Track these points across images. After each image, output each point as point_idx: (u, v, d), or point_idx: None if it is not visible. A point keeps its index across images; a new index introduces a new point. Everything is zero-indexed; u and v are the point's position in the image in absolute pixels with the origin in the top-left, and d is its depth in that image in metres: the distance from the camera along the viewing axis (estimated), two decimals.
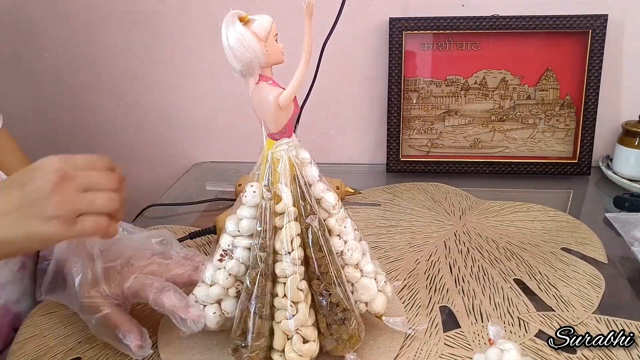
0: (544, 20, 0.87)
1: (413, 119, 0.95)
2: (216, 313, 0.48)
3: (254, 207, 0.45)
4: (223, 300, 0.48)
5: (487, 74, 0.92)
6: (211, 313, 0.48)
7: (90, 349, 0.52)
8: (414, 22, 0.90)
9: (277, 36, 0.43)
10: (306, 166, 0.46)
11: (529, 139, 0.94)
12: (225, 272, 0.47)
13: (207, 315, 0.48)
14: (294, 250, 0.44)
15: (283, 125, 0.44)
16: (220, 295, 0.47)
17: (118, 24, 0.99)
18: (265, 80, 0.43)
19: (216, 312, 0.48)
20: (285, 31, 0.46)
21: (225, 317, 0.48)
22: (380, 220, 0.77)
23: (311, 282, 0.45)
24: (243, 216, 0.46)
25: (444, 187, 0.88)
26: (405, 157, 0.96)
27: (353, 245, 0.47)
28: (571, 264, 0.64)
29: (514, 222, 0.75)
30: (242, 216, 0.46)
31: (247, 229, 0.46)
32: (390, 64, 0.92)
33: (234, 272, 0.46)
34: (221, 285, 0.47)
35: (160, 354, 0.50)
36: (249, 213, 0.46)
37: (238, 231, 0.46)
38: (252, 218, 0.46)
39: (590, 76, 0.88)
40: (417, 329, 0.52)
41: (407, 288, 0.60)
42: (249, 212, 0.46)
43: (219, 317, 0.48)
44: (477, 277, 0.62)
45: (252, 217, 0.46)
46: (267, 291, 0.45)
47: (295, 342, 0.44)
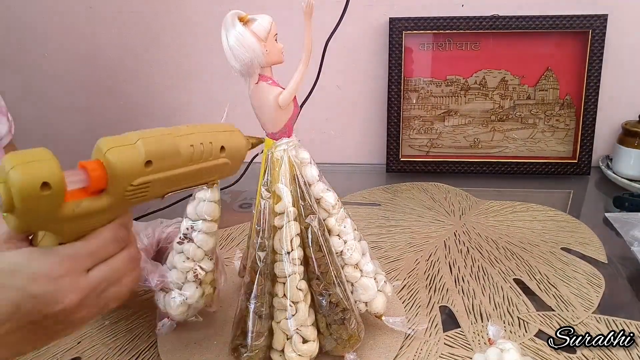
0: (544, 20, 0.87)
1: (413, 119, 0.95)
2: (175, 298, 0.48)
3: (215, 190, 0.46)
4: (183, 285, 0.48)
5: (487, 74, 0.92)
6: (171, 299, 0.48)
7: (90, 348, 0.52)
8: (414, 22, 0.90)
9: (277, 36, 0.43)
10: (306, 166, 0.46)
11: (528, 139, 0.94)
12: (183, 256, 0.47)
13: (168, 302, 0.48)
14: (294, 250, 0.44)
15: (283, 125, 0.44)
16: (181, 279, 0.48)
17: (118, 24, 0.99)
18: (265, 80, 0.43)
19: (175, 297, 0.48)
20: (285, 31, 0.46)
21: (187, 304, 0.48)
22: (380, 220, 0.77)
23: (311, 282, 0.45)
24: (202, 199, 0.46)
25: (443, 187, 0.88)
26: (405, 157, 0.96)
27: (353, 245, 0.47)
28: (571, 263, 0.64)
29: (513, 222, 0.75)
30: (201, 199, 0.46)
31: (206, 212, 0.46)
32: (390, 64, 0.92)
33: (191, 255, 0.47)
34: (179, 269, 0.47)
35: (160, 354, 0.50)
36: (209, 196, 0.46)
37: (196, 214, 0.46)
38: (211, 201, 0.46)
39: (590, 76, 0.88)
40: (417, 328, 0.52)
41: (407, 288, 0.60)
42: (209, 195, 0.46)
43: (179, 303, 0.48)
44: (477, 277, 0.62)
45: (211, 200, 0.46)
46: (266, 291, 0.45)
47: (295, 342, 0.44)
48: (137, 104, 1.05)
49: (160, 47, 1.00)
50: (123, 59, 1.02)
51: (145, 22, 0.98)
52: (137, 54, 1.01)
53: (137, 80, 1.03)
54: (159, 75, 1.02)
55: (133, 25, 0.99)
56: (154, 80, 1.03)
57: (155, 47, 1.00)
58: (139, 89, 1.04)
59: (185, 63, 1.01)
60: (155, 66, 1.01)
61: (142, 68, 1.02)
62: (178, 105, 1.04)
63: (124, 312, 0.57)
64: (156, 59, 1.01)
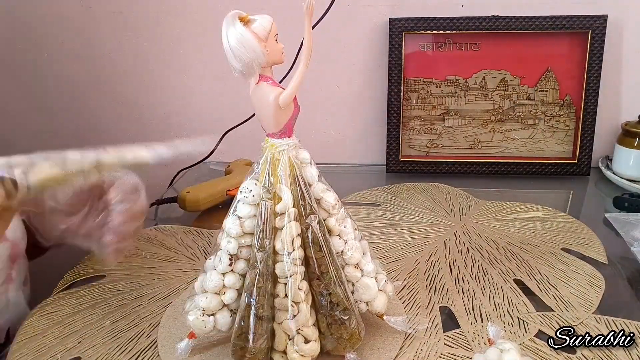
0: (544, 20, 0.87)
1: (413, 119, 0.95)
2: (226, 315, 0.47)
3: (254, 206, 0.45)
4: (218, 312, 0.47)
5: (487, 74, 0.92)
6: (223, 316, 0.47)
7: (90, 348, 0.52)
8: (414, 22, 0.90)
9: (277, 36, 0.43)
10: (306, 166, 0.46)
11: (528, 140, 0.94)
12: (237, 275, 0.46)
13: (220, 320, 0.47)
14: (295, 250, 0.44)
15: (283, 125, 0.44)
16: (235, 298, 0.47)
17: (118, 24, 0.99)
18: (265, 80, 0.43)
19: (226, 314, 0.47)
20: (286, 31, 0.46)
21: (217, 329, 0.48)
22: (380, 220, 0.77)
23: (311, 282, 0.45)
24: (245, 216, 0.46)
25: (444, 188, 0.88)
26: (405, 157, 0.96)
27: (353, 245, 0.47)
28: (571, 264, 0.64)
29: (514, 223, 0.75)
30: (244, 216, 0.46)
31: (249, 228, 0.45)
32: (390, 64, 0.92)
33: (242, 272, 0.46)
34: (235, 288, 0.47)
35: (160, 354, 0.50)
36: (251, 212, 0.45)
37: (242, 232, 0.46)
38: (253, 217, 0.45)
39: (590, 76, 0.88)
40: (417, 328, 0.52)
41: (407, 288, 0.60)
42: (250, 210, 0.45)
43: (229, 318, 0.47)
44: (477, 277, 0.62)
45: (252, 215, 0.45)
46: (266, 292, 0.45)
47: (297, 342, 0.44)
48: (136, 104, 1.05)
49: (160, 47, 1.00)
50: (123, 59, 1.02)
51: (145, 22, 0.98)
52: (137, 54, 1.01)
53: (137, 80, 1.03)
54: (159, 75, 1.02)
55: (133, 25, 0.99)
56: (153, 80, 1.03)
57: (155, 47, 1.00)
58: (139, 89, 1.04)
59: (185, 63, 1.01)
60: (155, 66, 1.01)
61: (142, 68, 1.02)
62: (178, 105, 1.04)
63: (124, 312, 0.57)
64: (156, 59, 1.01)
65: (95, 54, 1.02)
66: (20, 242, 0.62)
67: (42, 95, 1.07)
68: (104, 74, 1.03)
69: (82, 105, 1.06)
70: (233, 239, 0.46)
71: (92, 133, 1.08)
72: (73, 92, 1.05)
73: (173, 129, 1.06)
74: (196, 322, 0.46)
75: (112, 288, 0.62)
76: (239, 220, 0.46)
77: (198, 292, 0.48)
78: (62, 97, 1.06)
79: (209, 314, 0.47)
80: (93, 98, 1.05)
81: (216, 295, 0.46)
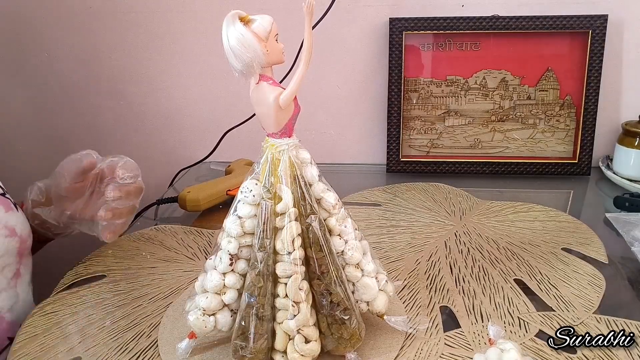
0: (544, 20, 0.87)
1: (413, 119, 0.95)
2: (226, 315, 0.47)
3: (255, 205, 0.45)
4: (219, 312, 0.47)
5: (487, 74, 0.92)
6: (223, 316, 0.47)
7: (90, 348, 0.52)
8: (414, 22, 0.90)
9: (278, 36, 0.43)
10: (306, 166, 0.46)
11: (529, 139, 0.94)
12: (237, 275, 0.46)
13: (220, 320, 0.47)
14: (295, 250, 0.44)
15: (283, 125, 0.44)
16: (235, 298, 0.47)
17: (118, 24, 0.99)
18: (266, 80, 0.43)
19: (226, 314, 0.47)
20: (286, 31, 0.46)
21: (217, 329, 0.48)
22: (381, 220, 0.77)
23: (312, 282, 0.45)
24: (245, 215, 0.46)
25: (444, 188, 0.88)
26: (405, 157, 0.96)
27: (354, 245, 0.47)
28: (571, 264, 0.64)
29: (514, 223, 0.75)
30: (245, 215, 0.46)
31: (250, 228, 0.45)
32: (390, 64, 0.92)
33: (242, 272, 0.46)
34: (236, 288, 0.46)
35: (160, 354, 0.50)
36: (251, 211, 0.45)
37: (243, 232, 0.46)
38: (253, 217, 0.45)
39: (590, 76, 0.88)
40: (418, 328, 0.52)
41: (408, 288, 0.60)
42: (250, 210, 0.45)
43: (230, 318, 0.47)
44: (478, 277, 0.62)
45: (253, 215, 0.45)
46: (267, 292, 0.45)
47: (298, 342, 0.44)
48: (136, 104, 1.05)
49: (160, 47, 1.00)
50: (123, 59, 1.02)
51: (145, 22, 0.98)
52: (137, 54, 1.01)
53: (137, 80, 1.03)
54: (159, 76, 1.02)
55: (133, 25, 0.99)
56: (153, 81, 1.03)
57: (155, 47, 1.00)
58: (139, 89, 1.04)
59: (185, 63, 1.01)
60: (155, 66, 1.01)
61: (142, 68, 1.02)
62: (178, 105, 1.04)
63: (125, 312, 0.57)
64: (156, 59, 1.01)
65: (95, 54, 1.02)
66: (27, 238, 0.62)
67: (42, 95, 1.07)
68: (104, 74, 1.03)
69: (82, 106, 1.06)
70: (233, 238, 0.46)
71: (92, 133, 1.08)
72: (73, 92, 1.05)
73: (173, 129, 1.06)
74: (196, 322, 0.46)
75: (113, 288, 0.62)
76: (240, 220, 0.46)
77: (198, 292, 0.48)
78: (63, 97, 1.06)
79: (209, 314, 0.47)
80: (93, 98, 1.05)
81: (217, 295, 0.46)
